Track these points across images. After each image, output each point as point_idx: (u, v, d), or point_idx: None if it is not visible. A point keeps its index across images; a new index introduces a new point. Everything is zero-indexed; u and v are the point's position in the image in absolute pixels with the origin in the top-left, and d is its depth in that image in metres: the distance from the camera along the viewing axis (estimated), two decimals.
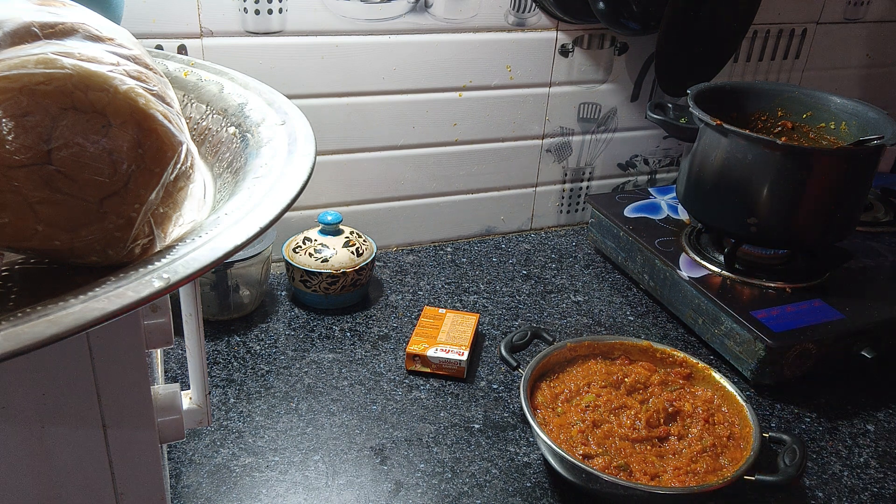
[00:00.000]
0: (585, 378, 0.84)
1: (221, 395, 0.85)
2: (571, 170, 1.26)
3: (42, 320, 0.32)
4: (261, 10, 0.96)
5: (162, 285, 0.35)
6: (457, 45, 1.08)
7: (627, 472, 0.73)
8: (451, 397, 0.88)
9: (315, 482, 0.75)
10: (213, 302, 0.97)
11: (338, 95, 1.05)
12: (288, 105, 0.59)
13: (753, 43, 1.28)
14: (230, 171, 0.53)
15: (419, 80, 1.08)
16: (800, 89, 1.10)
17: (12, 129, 0.35)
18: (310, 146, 0.52)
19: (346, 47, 1.02)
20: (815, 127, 1.08)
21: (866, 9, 1.34)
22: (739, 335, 0.91)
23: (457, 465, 0.78)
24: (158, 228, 0.41)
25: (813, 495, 0.77)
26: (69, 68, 0.37)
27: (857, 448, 0.84)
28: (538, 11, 1.10)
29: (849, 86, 1.41)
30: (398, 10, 1.02)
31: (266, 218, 0.42)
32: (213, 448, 0.78)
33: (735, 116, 1.09)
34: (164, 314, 0.52)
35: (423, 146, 1.14)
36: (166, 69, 0.64)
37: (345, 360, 0.93)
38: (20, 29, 0.38)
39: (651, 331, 1.02)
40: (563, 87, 1.18)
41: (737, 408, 0.80)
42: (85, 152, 0.37)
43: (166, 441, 0.52)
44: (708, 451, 0.75)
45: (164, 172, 0.40)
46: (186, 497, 0.72)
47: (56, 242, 0.38)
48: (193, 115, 0.60)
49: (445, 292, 1.08)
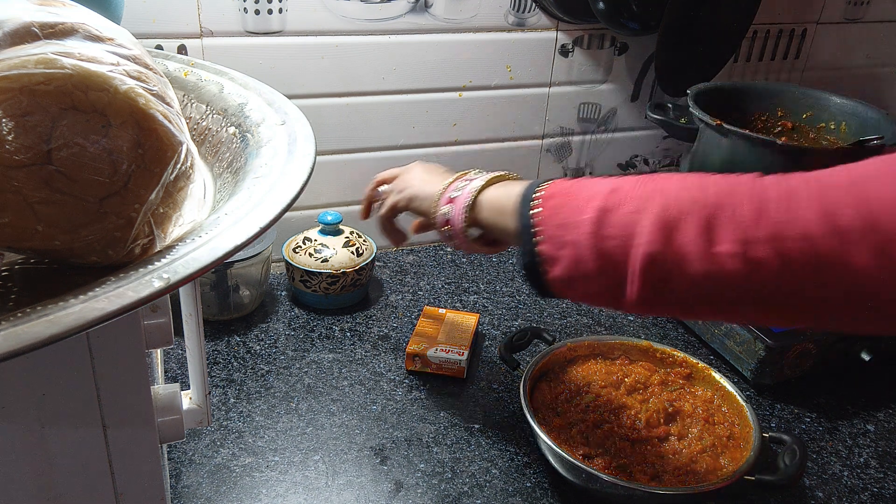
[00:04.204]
0: (585, 378, 0.84)
1: (221, 395, 0.85)
2: (571, 170, 1.26)
3: (42, 320, 0.32)
4: (261, 10, 0.96)
5: (162, 285, 0.35)
6: (457, 45, 1.08)
7: (627, 472, 0.73)
8: (451, 397, 0.88)
9: (315, 482, 0.75)
10: (213, 302, 0.97)
11: (338, 95, 1.05)
12: (288, 105, 0.59)
13: (753, 43, 1.28)
14: (230, 171, 0.53)
15: (419, 80, 1.08)
16: (800, 89, 1.10)
17: (12, 129, 0.35)
18: (310, 146, 0.52)
19: (345, 47, 1.02)
20: (815, 127, 1.08)
21: (866, 9, 1.34)
22: (739, 335, 0.91)
23: (457, 465, 0.78)
24: (158, 228, 0.41)
25: (813, 495, 0.77)
26: (69, 68, 0.37)
27: (857, 448, 0.84)
28: (538, 11, 1.10)
29: (849, 86, 1.41)
30: (398, 10, 1.02)
31: (266, 218, 0.42)
32: (213, 448, 0.78)
33: (735, 116, 1.09)
34: (164, 314, 0.52)
35: (423, 146, 1.14)
36: (166, 69, 0.64)
37: (345, 360, 0.93)
38: (20, 29, 0.38)
39: (651, 331, 1.02)
40: (563, 87, 1.18)
41: (737, 408, 0.80)
42: (85, 152, 0.37)
43: (166, 441, 0.52)
44: (708, 451, 0.75)
45: (164, 172, 0.40)
46: (186, 497, 0.72)
47: (56, 242, 0.38)
48: (193, 115, 0.60)
49: (445, 292, 1.08)
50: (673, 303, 0.53)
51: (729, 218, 0.49)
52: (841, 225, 0.46)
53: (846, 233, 0.46)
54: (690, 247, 0.50)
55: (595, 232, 0.53)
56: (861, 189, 0.46)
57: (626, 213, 0.52)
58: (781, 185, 0.50)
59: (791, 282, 0.48)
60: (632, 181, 0.54)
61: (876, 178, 0.46)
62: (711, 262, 0.49)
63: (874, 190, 0.45)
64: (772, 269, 0.48)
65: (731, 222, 0.49)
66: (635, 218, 0.52)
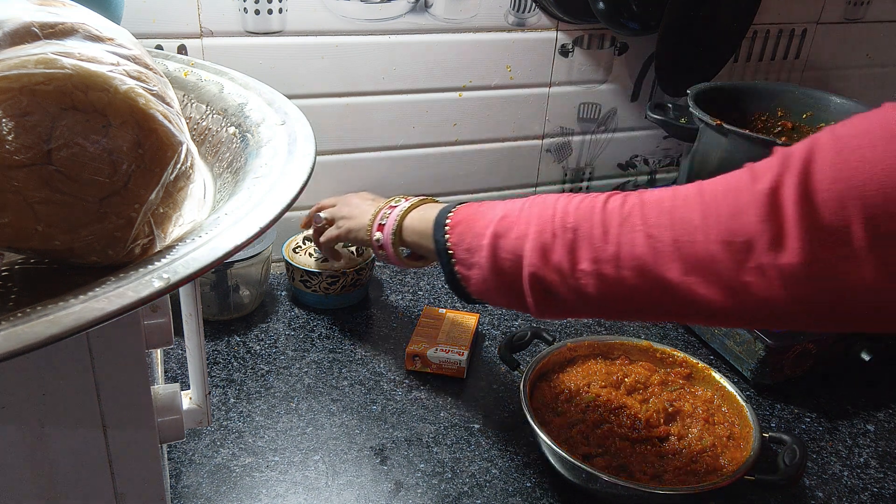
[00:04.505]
0: (585, 378, 0.84)
1: (221, 395, 0.85)
2: (571, 170, 1.26)
3: (42, 320, 0.32)
4: (261, 10, 0.96)
5: (162, 285, 0.35)
6: (457, 44, 1.08)
7: (627, 472, 0.73)
8: (451, 397, 0.88)
9: (315, 482, 0.75)
10: (213, 302, 0.97)
11: (338, 95, 1.05)
12: (288, 105, 0.59)
13: (753, 43, 1.28)
14: (230, 171, 0.53)
15: (419, 80, 1.08)
16: (800, 89, 1.10)
17: (12, 129, 0.35)
18: (310, 146, 0.52)
19: (345, 47, 1.02)
20: (815, 127, 1.08)
21: (866, 9, 1.34)
22: (739, 335, 0.91)
23: (457, 465, 0.78)
24: (158, 228, 0.41)
25: (813, 495, 0.77)
26: (69, 68, 0.37)
27: (857, 448, 0.84)
28: (538, 11, 1.10)
29: (849, 86, 1.41)
30: (398, 10, 1.02)
31: (266, 218, 0.42)
32: (213, 448, 0.78)
33: (735, 116, 1.09)
34: (164, 314, 0.52)
35: (423, 146, 1.14)
36: (166, 69, 0.64)
37: (345, 360, 0.93)
38: (20, 29, 0.38)
39: (651, 331, 1.02)
40: (563, 87, 1.18)
41: (737, 408, 0.80)
42: (85, 152, 0.37)
43: (166, 441, 0.52)
44: (708, 451, 0.75)
45: (164, 172, 0.40)
46: (186, 497, 0.72)
47: (56, 242, 0.38)
48: (193, 115, 0.60)
49: (445, 292, 1.08)
50: (567, 311, 0.60)
51: (586, 238, 0.56)
52: (658, 247, 0.52)
53: (661, 253, 0.52)
54: (563, 265, 0.57)
55: (492, 255, 0.61)
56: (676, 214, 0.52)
57: (513, 238, 0.60)
58: (624, 206, 0.55)
59: (641, 296, 0.54)
60: (517, 207, 0.62)
61: (684, 204, 0.51)
62: (576, 279, 0.56)
63: (682, 211, 0.51)
64: (624, 285, 0.54)
65: (588, 242, 0.55)
66: (520, 243, 0.59)
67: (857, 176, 0.43)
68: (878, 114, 0.45)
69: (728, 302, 0.50)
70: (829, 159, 0.45)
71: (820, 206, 0.44)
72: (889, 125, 0.44)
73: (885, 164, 0.42)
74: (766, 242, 0.46)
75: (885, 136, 0.43)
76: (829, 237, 0.44)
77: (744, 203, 0.48)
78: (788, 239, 0.45)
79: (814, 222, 0.44)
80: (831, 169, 0.44)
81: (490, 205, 0.65)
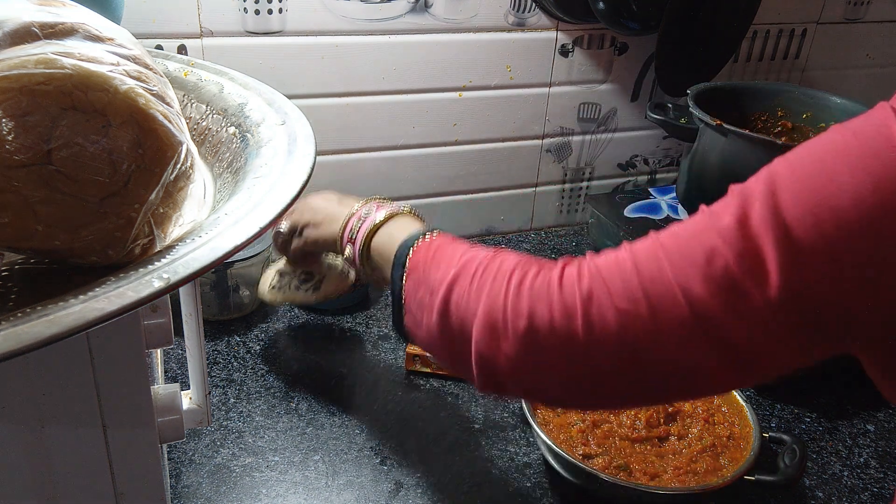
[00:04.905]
0: None
1: (221, 395, 0.85)
2: (571, 170, 1.26)
3: (42, 320, 0.32)
4: (261, 10, 0.96)
5: (162, 285, 0.35)
6: (457, 45, 1.08)
7: (627, 472, 0.73)
8: (451, 397, 0.88)
9: (315, 482, 0.75)
10: (213, 302, 0.97)
11: (337, 95, 1.05)
12: (288, 105, 0.59)
13: (753, 43, 1.28)
14: (230, 171, 0.53)
15: (419, 80, 1.08)
16: (800, 89, 1.10)
17: (12, 129, 0.35)
18: (310, 146, 0.52)
19: (345, 47, 1.02)
20: (815, 127, 1.08)
21: (866, 9, 1.34)
22: None
23: (457, 466, 0.78)
24: (158, 228, 0.41)
25: (813, 495, 0.77)
26: (69, 68, 0.37)
27: (857, 448, 0.84)
28: (538, 11, 1.10)
29: (848, 86, 1.41)
30: (398, 10, 1.02)
31: (266, 218, 0.42)
32: (213, 448, 0.78)
33: (735, 116, 1.09)
34: (164, 314, 0.52)
35: (423, 146, 1.14)
36: (166, 69, 0.64)
37: (345, 360, 0.93)
38: (20, 29, 0.38)
39: None
40: (563, 87, 1.18)
41: (737, 408, 0.80)
42: (85, 152, 0.37)
43: (166, 441, 0.52)
44: (708, 451, 0.75)
45: (164, 172, 0.40)
46: (186, 497, 0.72)
47: (56, 242, 0.38)
48: (193, 115, 0.60)
49: None
50: (519, 399, 0.59)
51: (545, 328, 0.50)
52: (632, 323, 0.47)
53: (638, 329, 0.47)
54: (518, 362, 0.51)
55: (441, 321, 0.55)
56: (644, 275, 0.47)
57: (463, 307, 0.54)
58: (581, 282, 0.50)
59: (618, 381, 0.50)
60: (472, 268, 0.55)
61: (649, 260, 0.48)
62: (534, 377, 0.52)
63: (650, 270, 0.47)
64: (598, 372, 0.50)
65: (547, 334, 0.50)
66: (469, 317, 0.53)
67: (827, 188, 0.41)
68: (827, 135, 0.44)
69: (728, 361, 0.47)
70: (792, 179, 0.43)
71: (793, 225, 0.42)
72: (837, 144, 0.43)
73: (852, 175, 0.40)
74: (747, 275, 0.43)
75: (843, 149, 0.42)
76: (810, 257, 0.42)
77: (713, 244, 0.44)
78: (769, 264, 0.42)
79: (791, 243, 0.42)
80: (798, 186, 0.42)
81: (451, 248, 0.59)
